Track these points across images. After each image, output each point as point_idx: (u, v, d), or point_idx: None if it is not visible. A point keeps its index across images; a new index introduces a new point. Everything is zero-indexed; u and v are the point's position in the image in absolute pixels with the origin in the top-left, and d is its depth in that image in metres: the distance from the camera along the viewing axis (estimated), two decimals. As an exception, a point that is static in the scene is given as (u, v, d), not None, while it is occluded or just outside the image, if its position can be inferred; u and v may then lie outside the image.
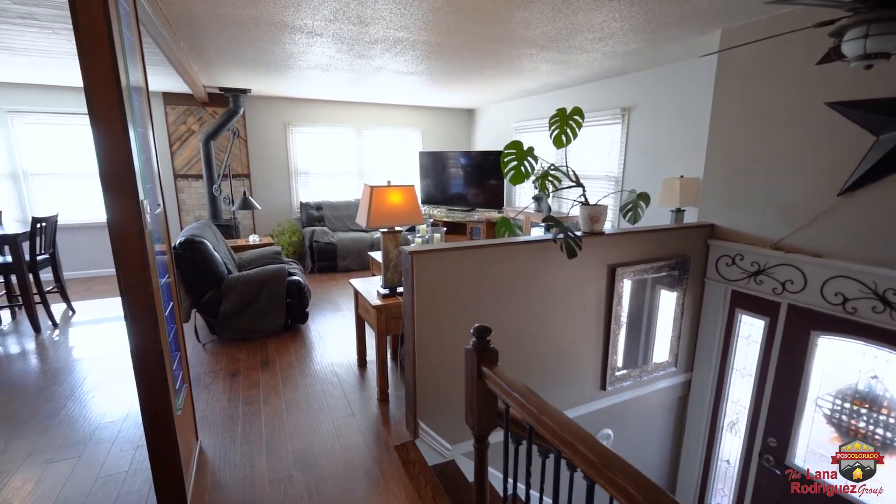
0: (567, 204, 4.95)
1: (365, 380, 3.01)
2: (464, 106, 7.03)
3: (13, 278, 4.16)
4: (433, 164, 6.81)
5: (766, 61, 2.67)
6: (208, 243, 3.58)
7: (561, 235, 2.28)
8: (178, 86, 5.05)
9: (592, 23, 2.77)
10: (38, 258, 4.01)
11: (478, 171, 6.46)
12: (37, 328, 3.90)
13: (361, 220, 2.62)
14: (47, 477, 2.07)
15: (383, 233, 2.64)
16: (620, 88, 4.49)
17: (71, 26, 1.43)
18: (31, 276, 3.89)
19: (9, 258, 3.85)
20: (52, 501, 1.92)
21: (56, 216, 4.25)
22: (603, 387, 2.91)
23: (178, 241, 3.43)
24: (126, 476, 2.07)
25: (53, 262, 4.29)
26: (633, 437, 3.18)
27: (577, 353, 2.77)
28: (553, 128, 2.58)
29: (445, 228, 4.89)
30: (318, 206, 6.34)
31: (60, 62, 3.92)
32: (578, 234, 2.51)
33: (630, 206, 2.71)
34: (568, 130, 2.56)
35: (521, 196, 6.44)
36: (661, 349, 3.18)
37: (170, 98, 5.63)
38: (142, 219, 1.60)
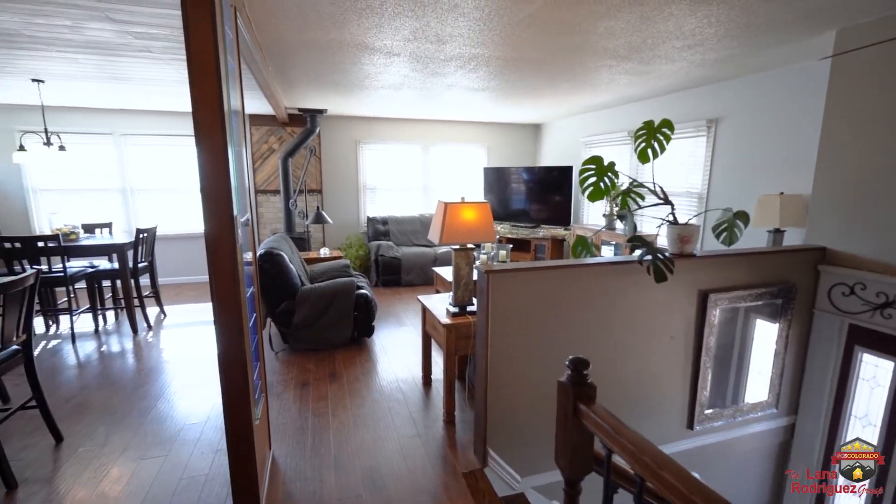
0: (646, 222, 4.66)
1: (430, 399, 2.95)
2: (530, 121, 6.94)
3: (118, 283, 4.60)
4: (497, 179, 6.75)
5: (891, 64, 2.33)
6: (285, 256, 3.75)
7: (649, 257, 2.10)
8: (262, 107, 5.42)
9: (683, 29, 2.59)
10: (139, 265, 4.42)
11: (542, 186, 6.30)
12: (135, 329, 4.28)
13: (434, 236, 2.60)
14: (139, 473, 2.20)
15: (455, 250, 2.60)
16: (706, 99, 4.18)
17: (178, 57, 1.55)
18: (132, 281, 4.29)
19: (116, 265, 4.28)
20: (141, 498, 2.03)
21: (155, 228, 4.67)
22: (690, 425, 2.63)
23: (259, 253, 3.61)
24: (206, 479, 2.15)
25: (151, 270, 4.72)
26: (724, 485, 2.83)
27: (661, 386, 2.53)
28: (638, 141, 2.42)
29: (511, 245, 4.78)
30: (385, 221, 6.48)
31: (167, 89, 4.35)
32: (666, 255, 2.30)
33: (724, 225, 2.46)
34: (655, 144, 2.38)
35: (589, 212, 6.18)
36: (758, 387, 2.83)
37: (255, 119, 6.07)
38: (234, 232, 1.67)
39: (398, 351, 3.77)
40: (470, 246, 2.65)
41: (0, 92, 4.45)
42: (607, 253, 5.03)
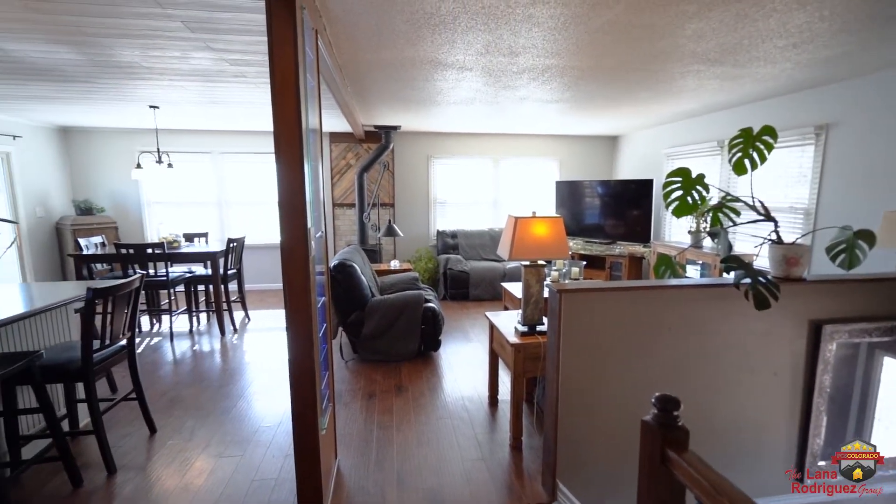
0: (740, 241, 4.21)
1: (496, 421, 2.84)
2: (606, 133, 6.64)
3: (210, 287, 5.03)
4: (570, 193, 6.51)
5: None
6: (357, 267, 3.86)
7: (748, 280, 1.85)
8: (341, 125, 5.72)
9: (788, 26, 2.31)
10: (228, 272, 4.80)
11: (619, 201, 5.96)
12: (222, 331, 4.63)
13: (503, 251, 2.52)
14: (216, 470, 2.33)
15: (525, 266, 2.50)
16: (812, 103, 3.71)
17: (268, 81, 1.64)
18: (222, 286, 4.67)
19: (209, 271, 4.69)
20: (216, 497, 2.13)
21: (243, 238, 5.07)
22: (799, 478, 2.26)
23: (332, 264, 3.76)
24: (275, 483, 2.22)
25: (239, 276, 5.11)
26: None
27: (761, 431, 2.20)
28: (734, 151, 2.17)
29: (584, 262, 4.54)
30: (454, 235, 6.50)
31: (258, 111, 4.73)
32: (769, 278, 2.02)
33: (842, 246, 2.11)
34: (754, 154, 2.12)
35: (671, 229, 5.72)
36: (891, 439, 2.37)
37: (335, 136, 6.42)
38: (308, 243, 1.72)
39: (464, 367, 3.70)
40: (541, 262, 2.53)
41: (125, 118, 5.13)
42: (693, 274, 4.60)
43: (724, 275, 2.01)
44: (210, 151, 6.27)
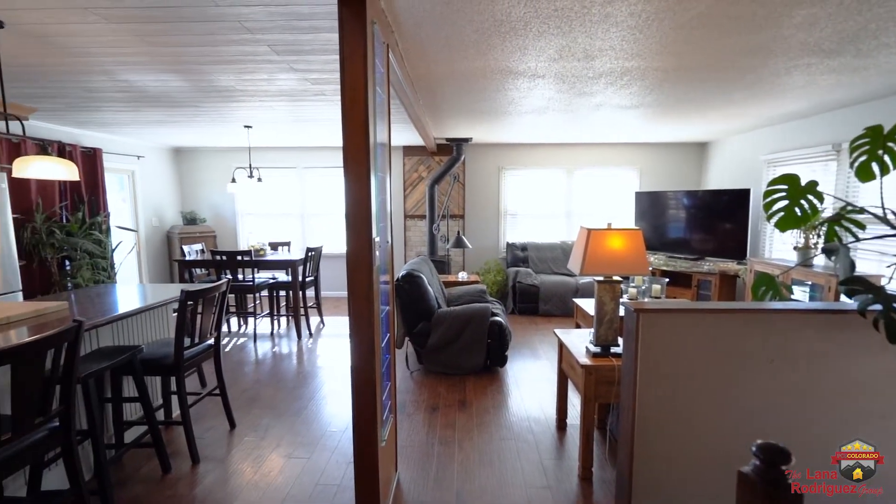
0: (862, 259, 3.61)
1: (564, 447, 2.65)
2: (693, 139, 6.11)
3: (290, 293, 5.36)
4: (651, 205, 6.07)
5: None
6: (424, 278, 3.88)
7: (878, 306, 1.54)
8: (414, 139, 5.86)
9: (931, 4, 1.93)
10: (307, 279, 5.08)
11: (708, 212, 5.43)
12: (299, 335, 4.89)
13: (574, 265, 2.36)
14: (285, 470, 2.42)
15: (599, 282, 2.32)
16: (965, 96, 3.09)
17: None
18: (300, 292, 4.94)
19: (290, 278, 4.99)
20: (282, 496, 2.20)
21: (321, 247, 5.34)
22: (950, 554, 1.82)
23: (399, 274, 3.81)
24: (337, 490, 2.24)
25: (316, 284, 5.39)
26: None
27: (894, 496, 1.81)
28: (857, 153, 1.84)
29: (667, 279, 4.16)
30: (524, 247, 6.34)
31: (336, 128, 5.00)
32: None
33: None
34: (886, 157, 1.78)
35: (772, 244, 5.08)
36: None
37: (408, 150, 6.60)
38: (372, 253, 1.73)
39: (531, 385, 3.54)
40: (616, 278, 2.34)
41: (223, 137, 5.68)
42: (801, 297, 4.02)
43: (844, 299, 1.70)
44: (295, 166, 6.74)
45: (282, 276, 5.31)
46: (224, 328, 5.17)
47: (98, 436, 2.04)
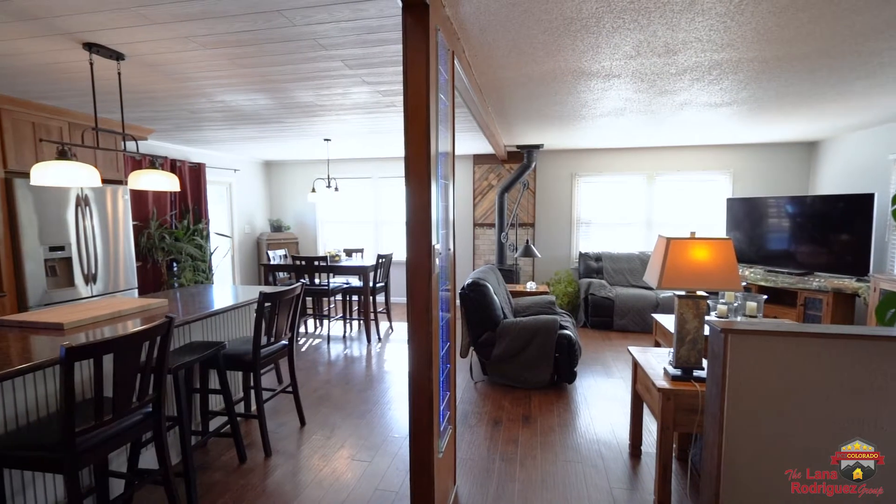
0: None
1: (638, 476, 2.42)
2: (799, 138, 5.41)
3: (361, 298, 5.56)
4: (747, 212, 5.45)
5: None
6: (490, 287, 3.81)
7: None
8: (484, 147, 5.84)
9: None
10: (377, 285, 5.24)
11: (819, 221, 4.74)
12: (369, 339, 5.05)
13: (651, 277, 2.16)
14: (347, 472, 2.47)
15: (680, 297, 2.10)
16: None
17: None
18: (370, 297, 5.10)
19: (361, 283, 5.18)
20: (343, 498, 2.24)
21: (391, 254, 5.49)
22: None
23: (466, 283, 3.78)
24: (395, 497, 2.24)
25: (386, 290, 5.54)
26: None
27: None
28: None
29: (766, 297, 3.68)
30: (598, 258, 6.02)
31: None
32: None
33: None
34: None
35: (907, 260, 4.30)
36: None
37: (478, 158, 6.60)
38: (431, 260, 1.71)
39: (602, 405, 3.30)
40: (701, 293, 2.10)
41: (305, 150, 6.09)
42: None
43: None
44: (370, 176, 7.03)
45: (355, 281, 5.54)
46: (302, 329, 5.50)
47: (185, 423, 2.23)
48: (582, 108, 3.76)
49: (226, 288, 3.51)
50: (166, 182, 2.72)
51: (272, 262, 5.59)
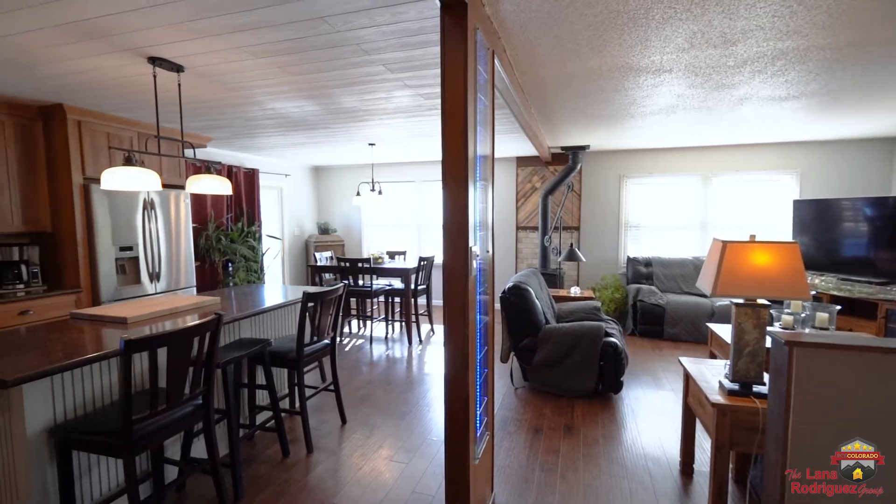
0: None
1: (689, 497, 2.26)
2: (879, 134, 4.90)
3: (403, 300, 5.61)
4: (817, 215, 5.00)
5: None
6: (532, 291, 3.72)
7: None
8: (527, 149, 5.75)
9: None
10: (419, 287, 5.27)
11: (906, 225, 4.27)
12: (410, 340, 5.08)
13: (705, 284, 2.02)
14: (384, 473, 2.48)
15: (738, 305, 1.95)
16: None
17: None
18: (412, 300, 5.14)
19: (403, 285, 5.24)
20: (380, 498, 2.25)
21: (433, 257, 5.51)
22: None
23: (507, 286, 3.71)
24: (432, 501, 2.22)
25: (427, 292, 5.57)
26: None
27: None
28: None
29: (839, 307, 3.34)
30: (648, 263, 5.74)
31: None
32: None
33: None
34: None
35: None
36: None
37: (521, 161, 6.50)
38: (468, 263, 1.69)
39: (650, 418, 3.13)
40: (763, 301, 1.93)
41: (351, 155, 6.25)
42: None
43: None
44: (413, 180, 7.11)
45: (397, 283, 5.60)
46: (346, 329, 5.64)
47: (232, 416, 2.33)
48: (630, 106, 3.60)
49: (275, 287, 3.65)
50: (220, 186, 2.87)
51: (318, 264, 5.77)
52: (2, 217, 3.33)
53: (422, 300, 5.72)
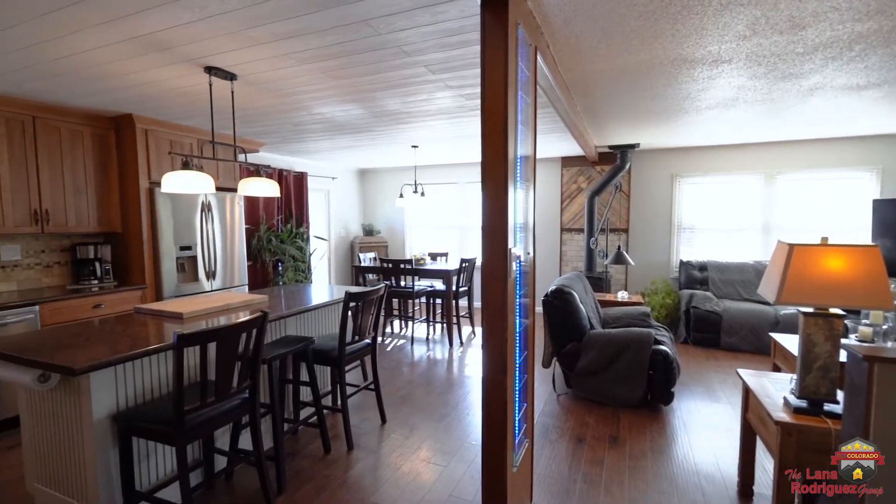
0: None
1: (748, 520, 2.09)
2: (982, 125, 4.34)
3: (444, 302, 5.61)
4: (902, 217, 4.51)
5: None
6: (576, 295, 3.60)
7: None
8: (572, 149, 5.59)
9: None
10: (460, 289, 5.25)
11: None
12: (451, 342, 5.07)
13: (767, 290, 1.86)
14: (421, 475, 2.47)
15: (806, 315, 1.77)
16: None
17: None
18: (453, 301, 5.13)
19: (445, 287, 5.23)
20: (417, 499, 2.24)
21: (475, 259, 5.48)
22: None
23: (549, 289, 3.61)
24: (469, 506, 2.19)
25: (469, 294, 5.53)
26: None
27: None
28: None
29: (928, 319, 2.98)
30: (702, 267, 5.41)
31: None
32: None
33: None
34: None
35: None
36: None
37: (566, 161, 6.34)
38: (507, 265, 1.64)
39: (704, 433, 2.93)
40: (836, 311, 1.75)
41: (395, 157, 6.33)
42: None
43: None
44: (456, 182, 7.11)
45: (439, 284, 5.61)
46: (388, 329, 5.71)
47: (276, 410, 2.41)
48: (684, 101, 3.40)
49: (321, 287, 3.76)
50: (268, 188, 2.98)
51: (362, 265, 5.89)
52: (80, 219, 3.65)
53: (463, 302, 5.70)
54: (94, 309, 3.47)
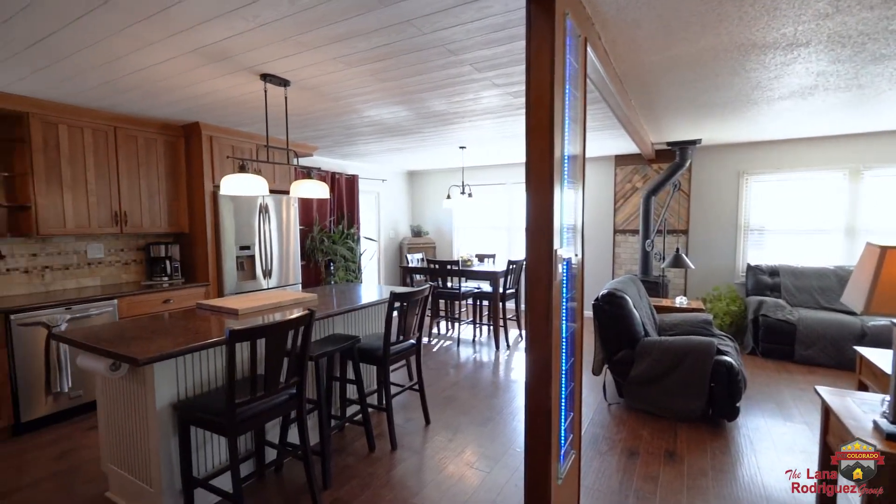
0: None
1: (828, 556, 1.86)
2: None
3: (490, 304, 5.53)
4: None
5: None
6: (629, 299, 3.41)
7: None
8: (627, 147, 5.33)
9: None
10: (507, 291, 5.16)
11: None
12: (497, 345, 4.99)
13: (853, 299, 1.65)
14: (464, 479, 2.43)
15: (900, 326, 1.55)
16: None
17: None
18: (500, 304, 5.05)
19: (491, 289, 5.17)
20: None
21: (522, 261, 5.36)
22: None
23: (601, 293, 3.45)
24: (512, 515, 2.12)
25: (516, 296, 5.43)
26: None
27: None
28: None
29: None
30: (774, 272, 4.96)
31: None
32: None
33: None
34: None
35: None
36: None
37: (620, 159, 6.06)
38: (553, 267, 1.57)
39: (774, 454, 2.67)
40: (938, 324, 1.52)
41: (443, 159, 6.35)
42: None
43: None
44: (503, 182, 7.02)
45: (486, 286, 5.55)
46: (434, 330, 5.72)
47: (322, 407, 2.46)
48: (753, 92, 3.13)
49: (370, 287, 3.83)
50: (318, 189, 3.07)
51: (410, 265, 5.95)
52: (153, 220, 3.95)
53: (511, 304, 5.59)
54: (164, 304, 3.74)
